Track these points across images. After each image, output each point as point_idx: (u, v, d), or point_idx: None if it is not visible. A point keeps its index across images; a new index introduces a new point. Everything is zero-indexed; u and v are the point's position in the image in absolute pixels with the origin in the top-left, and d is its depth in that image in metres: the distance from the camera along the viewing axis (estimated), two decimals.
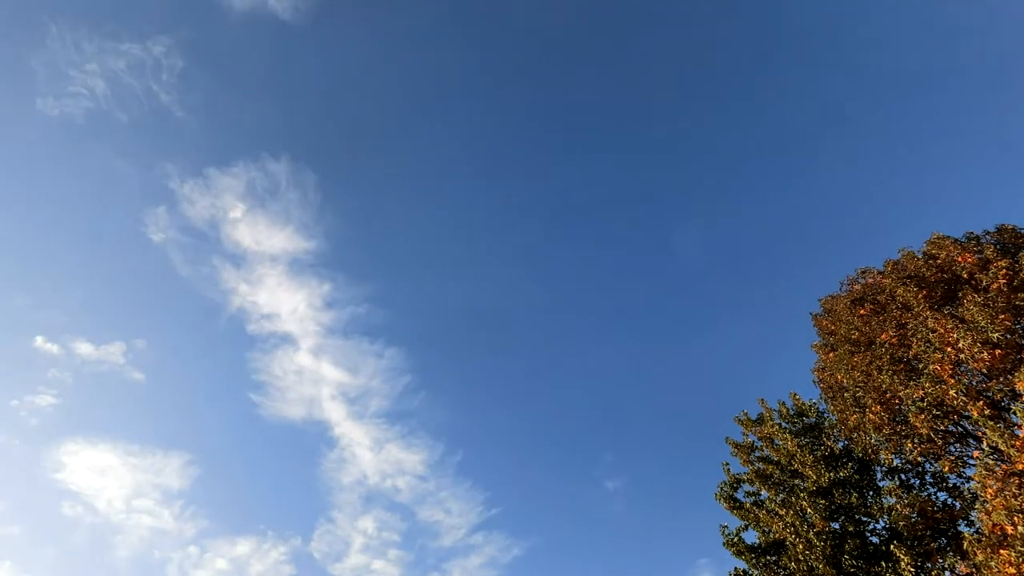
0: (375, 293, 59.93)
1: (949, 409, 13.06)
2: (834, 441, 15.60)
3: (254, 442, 58.72)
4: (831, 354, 16.51)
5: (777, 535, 14.47)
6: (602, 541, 50.86)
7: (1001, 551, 10.42)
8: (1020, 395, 11.93)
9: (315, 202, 57.43)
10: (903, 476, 14.26)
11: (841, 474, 14.48)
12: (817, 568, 13.26)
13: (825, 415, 16.39)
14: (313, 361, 56.88)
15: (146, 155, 55.33)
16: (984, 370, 12.56)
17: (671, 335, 59.66)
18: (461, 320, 62.73)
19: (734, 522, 15.61)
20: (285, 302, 56.07)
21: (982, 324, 12.49)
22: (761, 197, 56.81)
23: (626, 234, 61.65)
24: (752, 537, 15.25)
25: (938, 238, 15.41)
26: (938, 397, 12.94)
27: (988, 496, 10.98)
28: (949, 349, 12.89)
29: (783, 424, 16.61)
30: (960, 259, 14.39)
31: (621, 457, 54.96)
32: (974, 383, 12.77)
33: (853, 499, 14.02)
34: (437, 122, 60.16)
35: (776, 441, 16.25)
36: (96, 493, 51.40)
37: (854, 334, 15.69)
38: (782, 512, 14.45)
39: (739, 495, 16.14)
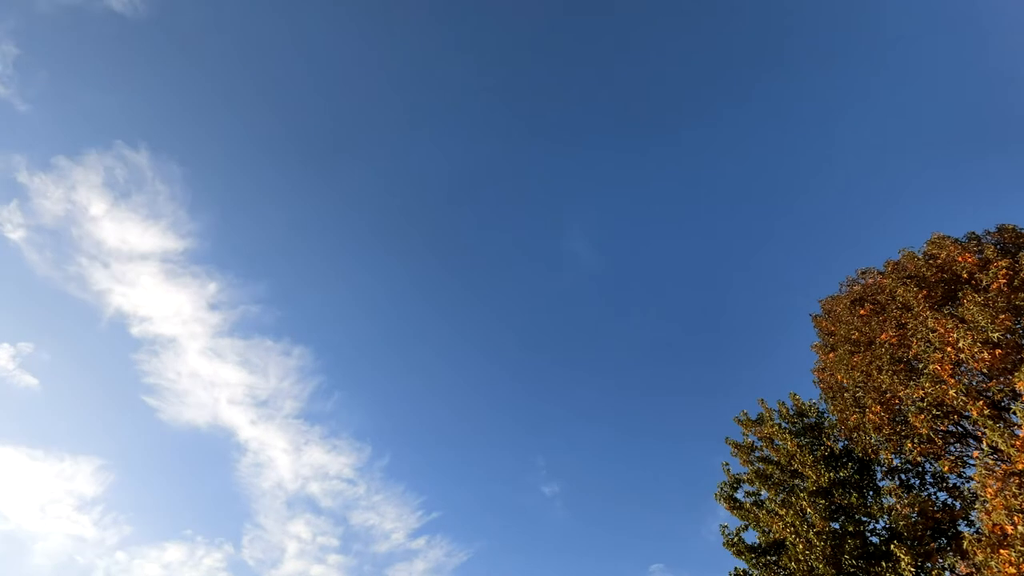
0: (269, 292, 58.62)
1: (949, 409, 13.06)
2: (834, 441, 15.60)
3: (162, 447, 57.35)
4: (831, 354, 16.51)
5: (777, 535, 14.46)
6: (548, 547, 50.59)
7: (1001, 551, 10.42)
8: (1020, 395, 11.93)
9: (185, 197, 55.24)
10: (903, 476, 14.26)
11: (841, 474, 14.48)
12: (817, 568, 13.26)
13: (825, 415, 16.39)
14: (211, 363, 55.33)
15: None
16: (984, 370, 12.56)
17: (668, 334, 59.55)
18: (369, 318, 61.80)
19: (733, 522, 15.64)
20: (168, 303, 54.48)
21: (982, 324, 12.49)
22: (761, 197, 56.84)
23: (621, 232, 61.62)
24: (752, 537, 15.27)
25: (938, 238, 15.41)
26: (938, 397, 12.94)
27: (988, 496, 10.99)
28: (949, 349, 12.89)
29: (783, 424, 16.60)
30: (960, 259, 14.40)
31: (554, 462, 54.70)
32: (974, 383, 12.77)
33: (853, 499, 14.01)
34: (321, 113, 58.62)
35: (776, 441, 16.25)
36: (5, 499, 50.11)
37: (854, 334, 15.70)
38: (782, 512, 14.44)
39: (739, 495, 16.15)
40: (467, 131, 60.15)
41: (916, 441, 13.62)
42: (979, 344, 12.39)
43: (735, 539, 15.16)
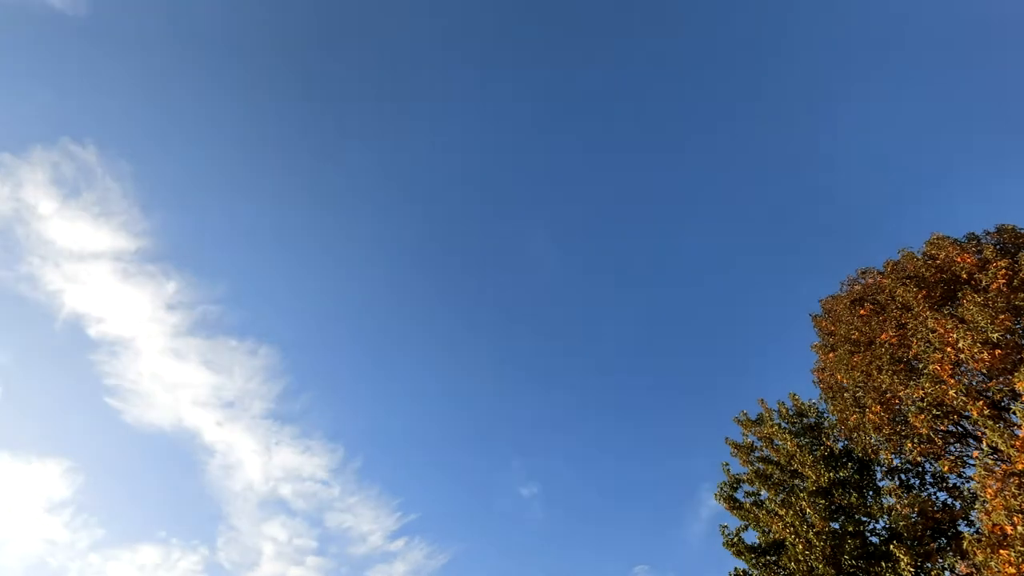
0: (230, 291, 57.38)
1: (949, 409, 13.06)
2: (834, 441, 15.61)
3: (129, 448, 56.21)
4: (831, 354, 16.51)
5: (777, 535, 14.47)
6: (529, 549, 50.25)
7: (1001, 551, 10.42)
8: (1020, 395, 11.93)
9: (138, 195, 54.14)
10: (903, 476, 14.26)
11: (841, 474, 14.48)
12: (817, 568, 13.26)
13: (825, 415, 16.40)
14: (173, 364, 54.49)
15: None
16: (984, 370, 12.56)
17: (662, 337, 59.41)
18: (337, 319, 61.00)
19: (733, 522, 15.64)
20: (124, 303, 53.45)
21: (982, 324, 12.49)
22: (761, 197, 56.87)
23: (619, 232, 61.56)
24: (752, 537, 15.27)
25: (938, 238, 15.42)
26: (938, 397, 12.94)
27: (988, 496, 10.99)
28: (949, 349, 12.89)
29: (783, 424, 16.61)
30: (960, 259, 14.40)
31: (530, 464, 54.35)
32: (974, 383, 12.77)
33: (853, 499, 14.01)
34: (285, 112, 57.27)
35: (776, 441, 16.25)
36: None
37: (854, 334, 15.70)
38: (782, 512, 14.44)
39: (739, 495, 16.15)
40: (441, 129, 59.76)
41: (916, 441, 13.62)
42: (979, 344, 12.39)
43: (735, 539, 15.16)
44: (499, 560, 49.91)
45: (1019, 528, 10.21)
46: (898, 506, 13.32)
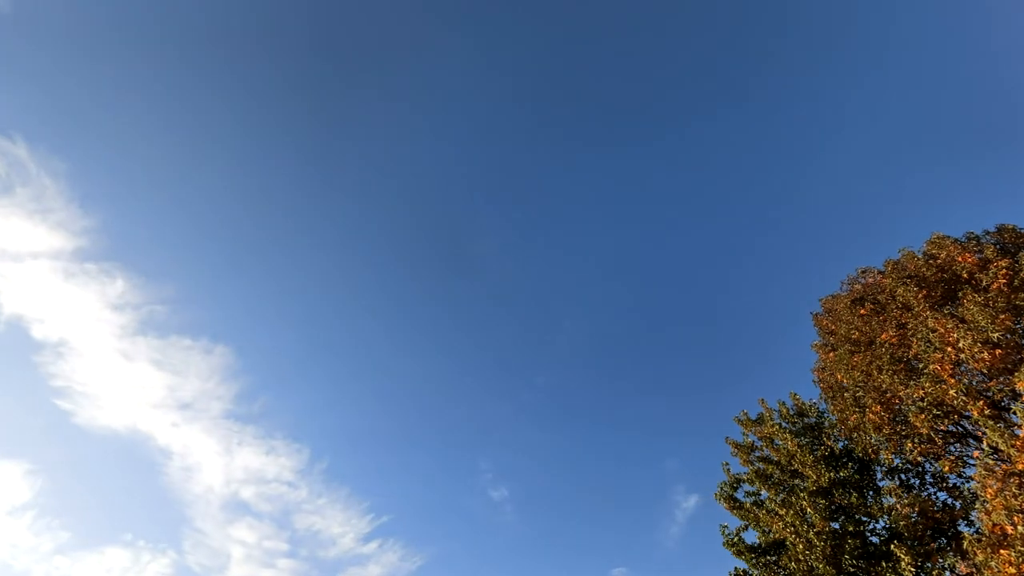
0: (180, 290, 56.35)
1: (949, 409, 13.06)
2: (834, 441, 15.60)
3: (85, 451, 54.74)
4: (831, 354, 16.51)
5: (777, 535, 14.47)
6: (503, 552, 49.78)
7: (1001, 551, 10.42)
8: (1020, 395, 11.93)
9: (74, 193, 52.07)
10: (903, 476, 14.26)
11: (841, 474, 14.48)
12: (817, 568, 13.26)
13: (825, 415, 16.40)
14: (123, 364, 53.09)
15: None
16: (984, 370, 12.56)
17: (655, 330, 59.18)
18: (295, 317, 59.64)
19: (733, 522, 15.64)
20: (67, 303, 51.62)
21: (982, 324, 12.49)
22: (761, 196, 56.83)
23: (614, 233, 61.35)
24: (752, 537, 15.27)
25: (938, 238, 15.41)
26: (938, 397, 12.94)
27: (988, 496, 10.99)
28: (949, 349, 12.89)
29: (783, 424, 16.61)
30: (960, 259, 14.40)
31: (500, 466, 53.66)
32: (974, 383, 12.77)
33: (853, 499, 14.01)
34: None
35: (776, 441, 16.25)
36: None
37: (854, 334, 15.70)
38: (782, 512, 14.45)
39: (739, 495, 16.15)
40: (410, 126, 59.05)
41: (916, 441, 13.62)
42: (979, 344, 12.39)
43: (735, 539, 15.16)
44: (475, 563, 49.69)
45: (1019, 528, 10.21)
46: (898, 506, 13.32)
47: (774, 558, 14.41)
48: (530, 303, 61.09)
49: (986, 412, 12.12)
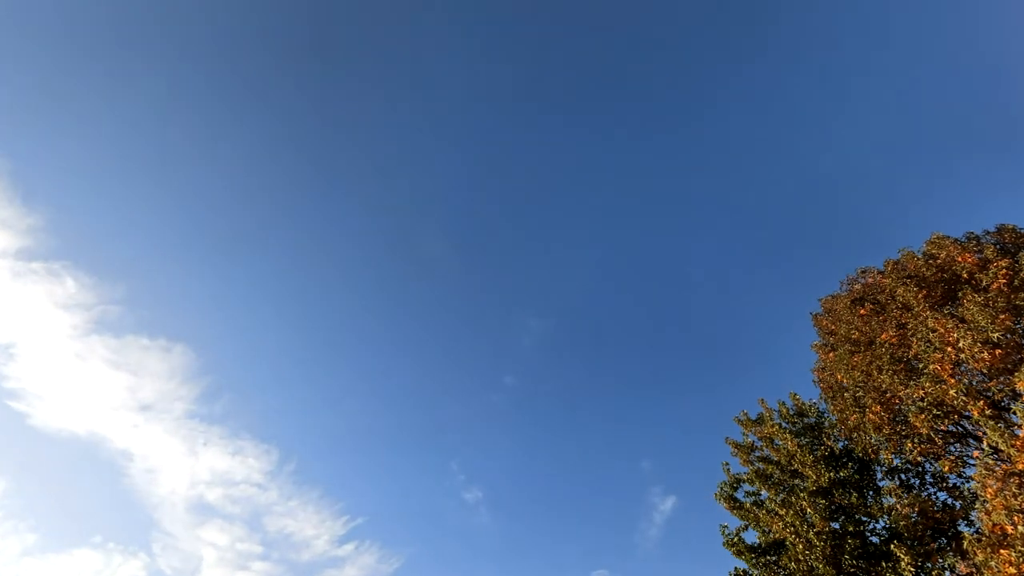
0: (133, 290, 55.13)
1: (949, 409, 13.06)
2: (834, 441, 15.61)
3: (44, 453, 53.63)
4: (831, 354, 16.51)
5: (777, 535, 14.47)
6: (480, 554, 49.23)
7: (1001, 551, 10.42)
8: (1020, 395, 11.93)
9: (16, 191, 50.76)
10: (903, 476, 14.26)
11: (841, 474, 14.48)
12: (817, 568, 13.26)
13: (825, 415, 16.40)
14: (79, 364, 51.77)
15: None
16: (984, 370, 12.56)
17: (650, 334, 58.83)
18: (256, 316, 58.57)
19: (733, 522, 15.64)
20: (15, 303, 50.38)
21: (982, 324, 12.49)
22: (761, 196, 56.85)
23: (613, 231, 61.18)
24: (752, 537, 15.27)
25: (938, 238, 15.42)
26: (938, 397, 12.94)
27: (988, 496, 10.99)
28: (949, 349, 12.89)
29: (783, 424, 16.61)
30: (960, 259, 14.40)
31: (470, 467, 52.95)
32: (974, 383, 12.77)
33: (853, 499, 14.02)
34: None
35: (776, 441, 16.25)
36: None
37: (854, 334, 15.70)
38: (782, 512, 14.45)
39: (739, 495, 16.15)
40: (371, 122, 58.28)
41: (916, 441, 13.62)
42: (979, 344, 12.39)
43: (735, 539, 15.16)
44: (453, 565, 49.15)
45: (1019, 528, 10.21)
46: (898, 506, 13.32)
47: (774, 558, 14.41)
48: (493, 302, 60.42)
49: (986, 412, 12.12)
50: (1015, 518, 10.33)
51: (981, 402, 12.24)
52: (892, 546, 12.54)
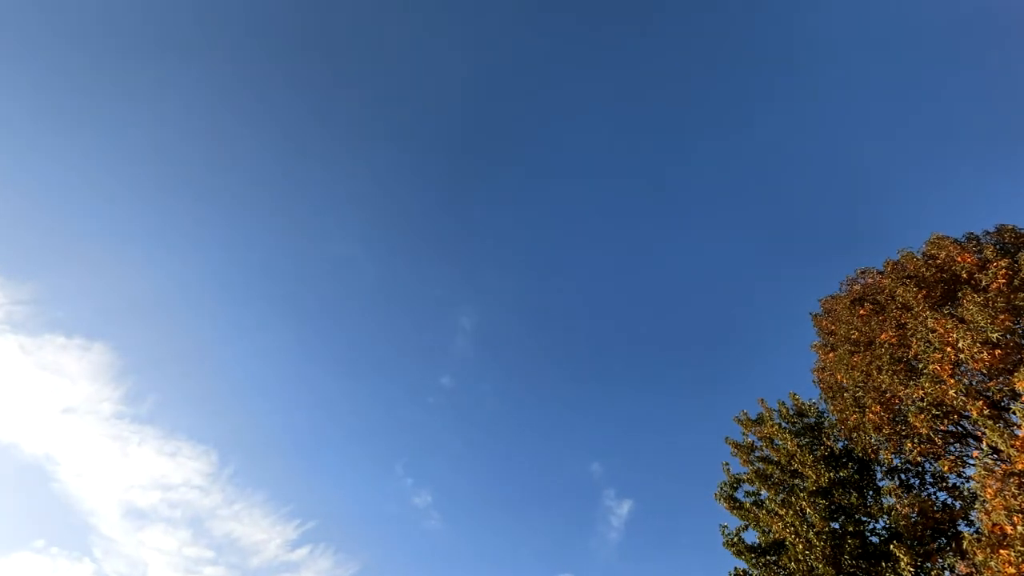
0: (41, 289, 52.56)
1: (949, 409, 13.07)
2: (834, 441, 15.62)
3: None
4: (831, 354, 16.52)
5: (777, 535, 14.47)
6: (437, 558, 48.19)
7: (1001, 551, 10.43)
8: (1020, 395, 11.94)
9: None
10: (903, 476, 14.28)
11: (841, 474, 14.49)
12: (817, 568, 13.26)
13: (825, 415, 16.41)
14: None
15: None
16: (984, 370, 12.57)
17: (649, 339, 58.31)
18: (179, 314, 56.41)
19: (733, 522, 15.65)
20: None
21: (982, 324, 12.50)
22: (761, 196, 56.87)
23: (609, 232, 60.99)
24: (752, 537, 15.28)
25: (938, 238, 15.43)
26: (938, 397, 12.95)
27: (988, 496, 11.00)
28: (949, 349, 12.89)
29: (783, 424, 16.62)
30: (960, 259, 14.41)
31: (416, 470, 51.57)
32: (974, 383, 12.78)
33: (853, 499, 14.02)
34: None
35: (776, 441, 16.26)
36: None
37: (854, 334, 15.71)
38: (782, 512, 14.45)
39: (739, 495, 16.15)
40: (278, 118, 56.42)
41: (916, 441, 13.63)
42: (979, 344, 12.40)
43: (735, 539, 15.16)
44: (410, 569, 48.29)
45: (1019, 528, 10.22)
46: (898, 506, 13.33)
47: (774, 558, 14.41)
48: (426, 301, 58.14)
49: (986, 412, 12.12)
50: (1015, 518, 10.34)
51: (981, 402, 12.25)
52: (892, 546, 12.55)
